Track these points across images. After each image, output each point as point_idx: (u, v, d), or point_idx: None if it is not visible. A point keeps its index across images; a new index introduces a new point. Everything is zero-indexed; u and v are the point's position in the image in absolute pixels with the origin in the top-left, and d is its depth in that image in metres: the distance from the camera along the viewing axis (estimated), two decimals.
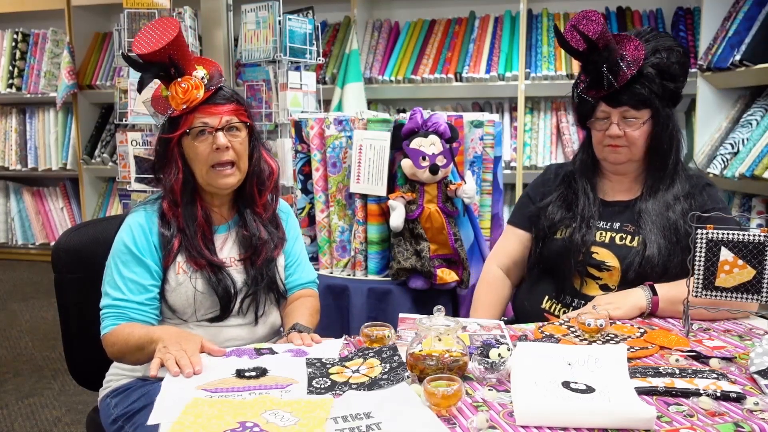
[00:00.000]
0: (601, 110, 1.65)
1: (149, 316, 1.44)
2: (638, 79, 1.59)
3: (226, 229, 1.54)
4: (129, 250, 1.43)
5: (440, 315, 1.18)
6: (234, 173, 1.46)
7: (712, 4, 3.48)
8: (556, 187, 1.78)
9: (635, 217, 1.65)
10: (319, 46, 3.11)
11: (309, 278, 1.70)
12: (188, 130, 1.44)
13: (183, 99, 1.42)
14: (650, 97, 1.60)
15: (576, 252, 1.64)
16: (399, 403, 1.02)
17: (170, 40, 1.40)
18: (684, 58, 1.64)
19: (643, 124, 1.62)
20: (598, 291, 1.64)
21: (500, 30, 4.27)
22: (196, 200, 1.49)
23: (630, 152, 1.65)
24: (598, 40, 1.57)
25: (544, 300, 1.72)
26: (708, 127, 3.51)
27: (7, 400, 2.81)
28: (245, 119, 1.49)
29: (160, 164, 1.50)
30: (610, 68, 1.58)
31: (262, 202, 1.55)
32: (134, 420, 1.37)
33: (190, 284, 1.45)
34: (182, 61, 1.44)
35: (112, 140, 5.00)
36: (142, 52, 1.41)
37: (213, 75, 1.46)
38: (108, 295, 1.43)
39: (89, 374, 1.62)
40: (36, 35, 5.29)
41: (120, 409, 1.42)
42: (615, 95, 1.61)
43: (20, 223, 5.49)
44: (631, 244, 1.62)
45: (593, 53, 1.59)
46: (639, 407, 0.99)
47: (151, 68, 1.44)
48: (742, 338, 1.36)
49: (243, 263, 1.52)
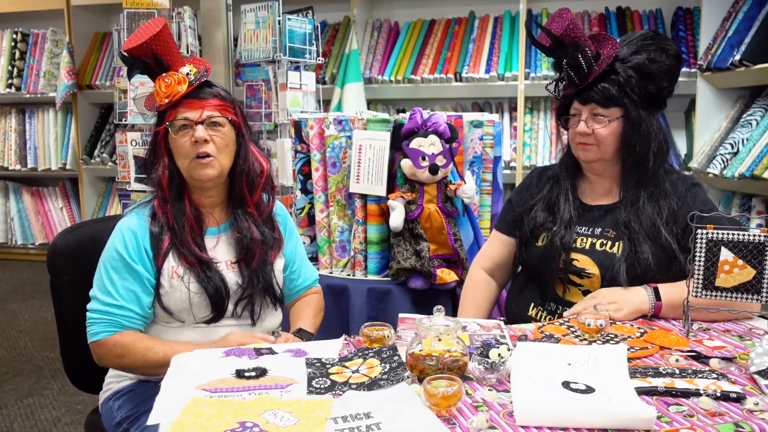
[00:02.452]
0: (573, 107, 1.67)
1: (138, 324, 1.44)
2: (609, 77, 1.60)
3: (217, 232, 1.53)
4: (120, 257, 1.42)
5: (440, 315, 1.18)
6: (212, 163, 1.45)
7: (711, 4, 3.48)
8: (540, 190, 1.78)
9: (615, 223, 1.64)
10: (318, 46, 3.11)
11: (312, 278, 1.73)
12: (168, 123, 1.45)
13: (165, 93, 1.45)
14: (619, 96, 1.60)
15: (556, 256, 1.64)
16: (399, 403, 1.02)
17: (152, 35, 1.43)
18: (672, 60, 1.62)
19: (610, 122, 1.61)
20: (581, 297, 1.62)
21: (500, 30, 4.27)
22: (183, 196, 1.49)
23: (599, 151, 1.64)
24: (563, 37, 1.59)
25: (530, 308, 1.72)
26: (708, 127, 3.51)
27: (7, 400, 2.81)
28: (229, 115, 1.48)
29: (150, 159, 1.51)
30: (576, 65, 1.59)
31: (254, 201, 1.54)
32: (139, 422, 1.37)
33: (184, 287, 1.44)
34: (167, 57, 1.47)
35: (111, 140, 5.00)
36: (126, 47, 1.46)
37: (199, 71, 1.47)
38: (97, 299, 1.42)
39: (86, 377, 1.61)
40: (35, 35, 5.29)
41: (124, 412, 1.42)
42: (584, 92, 1.62)
43: (20, 223, 5.49)
44: (612, 250, 1.61)
45: (558, 49, 1.62)
46: (639, 407, 0.99)
47: (135, 63, 1.47)
48: (742, 338, 1.36)
49: (238, 265, 1.51)
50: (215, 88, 1.50)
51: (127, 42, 1.47)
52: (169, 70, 1.46)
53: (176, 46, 1.51)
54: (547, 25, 1.63)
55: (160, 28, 1.45)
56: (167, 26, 1.47)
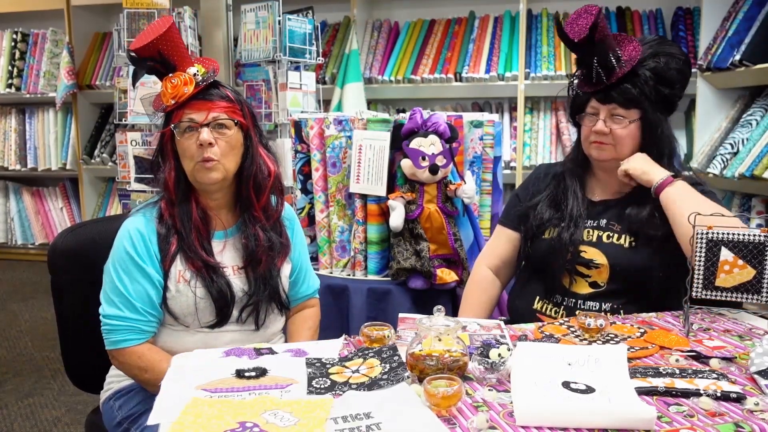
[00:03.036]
0: (591, 106, 1.67)
1: (154, 326, 1.43)
2: (631, 79, 1.61)
3: (224, 236, 1.50)
4: (130, 258, 1.40)
5: (440, 315, 1.18)
6: (216, 167, 1.42)
7: (711, 5, 3.48)
8: (546, 186, 1.78)
9: (620, 216, 1.66)
10: (318, 46, 3.11)
11: (313, 288, 1.69)
12: (174, 125, 1.42)
13: (171, 94, 1.42)
14: (640, 98, 1.61)
15: (564, 251, 1.65)
16: (399, 403, 1.02)
17: (159, 34, 1.41)
18: (684, 66, 1.65)
19: (630, 123, 1.63)
20: (587, 288, 1.65)
21: (500, 30, 4.27)
22: (190, 198, 1.46)
23: (615, 151, 1.66)
24: (592, 33, 1.58)
25: (536, 301, 1.73)
26: (708, 127, 3.51)
27: (7, 400, 2.81)
28: (236, 117, 1.45)
29: (156, 161, 1.49)
30: (603, 63, 1.59)
31: (261, 205, 1.50)
32: (140, 422, 1.37)
33: (191, 291, 1.42)
34: (174, 57, 1.44)
35: (111, 140, 5.00)
36: (133, 46, 1.44)
37: (207, 72, 1.45)
38: (112, 303, 1.40)
39: (87, 377, 1.61)
40: (35, 35, 5.29)
41: (124, 412, 1.42)
42: (606, 92, 1.63)
43: (20, 223, 5.49)
44: (619, 242, 1.64)
45: (587, 45, 1.60)
46: (639, 407, 0.99)
47: (142, 63, 1.45)
48: (742, 338, 1.36)
49: (244, 271, 1.49)
50: (223, 89, 1.46)
51: (134, 42, 1.45)
52: (176, 70, 1.43)
53: (184, 46, 1.48)
54: (573, 21, 1.61)
55: (167, 27, 1.42)
56: (174, 26, 1.44)
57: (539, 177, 1.84)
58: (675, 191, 1.57)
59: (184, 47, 1.49)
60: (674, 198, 1.56)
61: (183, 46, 1.48)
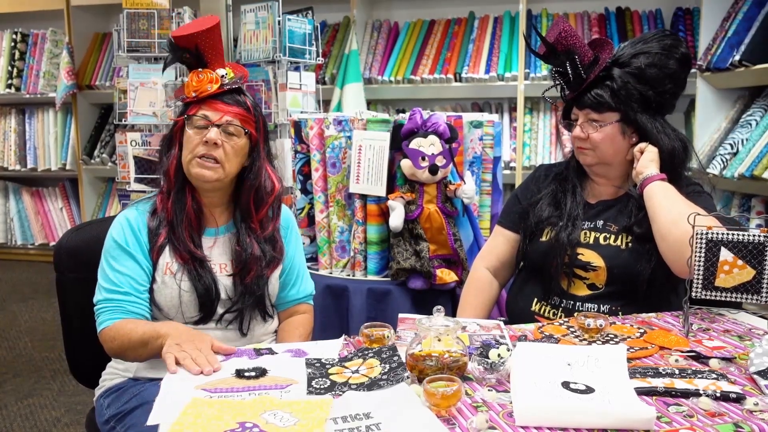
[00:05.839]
0: (573, 112, 1.71)
1: (144, 308, 1.44)
2: (603, 83, 1.63)
3: (215, 233, 1.52)
4: (119, 245, 1.44)
5: (440, 315, 1.18)
6: (215, 168, 1.44)
7: (711, 5, 3.48)
8: (547, 186, 1.79)
9: (617, 217, 1.67)
10: (318, 47, 3.11)
11: (306, 292, 1.68)
12: (187, 117, 1.46)
13: (195, 87, 1.47)
14: (613, 101, 1.62)
15: (561, 253, 1.65)
16: (399, 403, 1.02)
17: (201, 30, 1.47)
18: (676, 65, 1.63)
19: (602, 127, 1.64)
20: (586, 290, 1.65)
21: (500, 30, 4.27)
22: (186, 188, 1.49)
23: (595, 155, 1.67)
24: (555, 44, 1.63)
25: (533, 303, 1.73)
26: (707, 128, 3.51)
27: (7, 400, 2.81)
28: (248, 127, 1.48)
29: (164, 147, 1.53)
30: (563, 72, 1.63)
31: (259, 218, 1.53)
32: (125, 421, 1.37)
33: (175, 284, 1.44)
34: (209, 55, 1.49)
35: (111, 140, 5.00)
36: (174, 34, 1.50)
37: (235, 76, 1.49)
38: (102, 289, 1.43)
39: (90, 373, 1.62)
40: (35, 35, 5.29)
41: (112, 410, 1.42)
42: (580, 97, 1.66)
43: (19, 224, 5.48)
44: (616, 243, 1.64)
45: (551, 56, 1.66)
46: (639, 408, 0.99)
47: (178, 51, 1.50)
48: (742, 338, 1.36)
49: (232, 278, 1.50)
50: (244, 98, 1.50)
51: (177, 30, 1.52)
52: (206, 67, 1.49)
53: (222, 48, 1.53)
54: (546, 33, 1.67)
55: (211, 25, 1.47)
56: (219, 27, 1.50)
57: (539, 177, 1.85)
58: (655, 189, 1.58)
59: (222, 49, 1.53)
60: (651, 195, 1.58)
61: (221, 47, 1.52)
